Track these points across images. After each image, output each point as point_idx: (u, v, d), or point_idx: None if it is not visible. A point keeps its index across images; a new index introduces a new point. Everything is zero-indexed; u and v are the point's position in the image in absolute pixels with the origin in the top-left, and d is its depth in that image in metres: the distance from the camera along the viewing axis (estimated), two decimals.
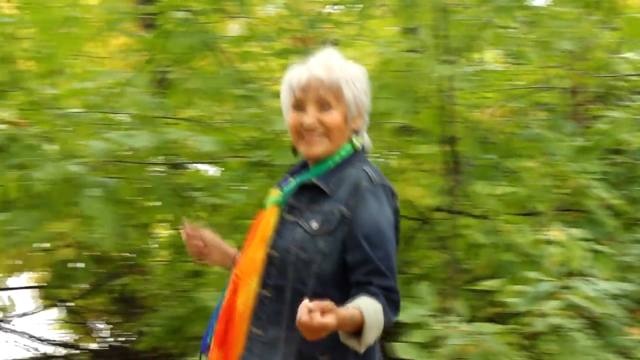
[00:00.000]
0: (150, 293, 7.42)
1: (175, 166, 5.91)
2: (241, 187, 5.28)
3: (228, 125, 5.56)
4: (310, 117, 2.68)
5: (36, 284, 8.10)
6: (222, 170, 5.84)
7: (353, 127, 2.74)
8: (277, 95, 5.72)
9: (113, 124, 5.34)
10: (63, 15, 6.03)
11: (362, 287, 2.55)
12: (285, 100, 2.77)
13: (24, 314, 8.06)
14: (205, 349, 2.77)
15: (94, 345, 8.30)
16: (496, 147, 5.58)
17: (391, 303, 2.55)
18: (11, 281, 7.89)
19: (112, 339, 8.23)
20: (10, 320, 7.88)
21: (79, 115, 5.36)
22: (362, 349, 2.48)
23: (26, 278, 8.11)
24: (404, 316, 4.17)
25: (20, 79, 5.79)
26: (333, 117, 2.69)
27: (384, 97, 4.98)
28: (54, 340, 8.29)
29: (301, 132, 2.71)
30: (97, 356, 8.15)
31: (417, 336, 4.33)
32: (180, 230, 2.89)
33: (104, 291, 7.97)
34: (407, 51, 5.43)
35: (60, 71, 6.25)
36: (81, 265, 7.38)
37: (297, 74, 2.72)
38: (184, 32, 5.47)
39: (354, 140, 2.75)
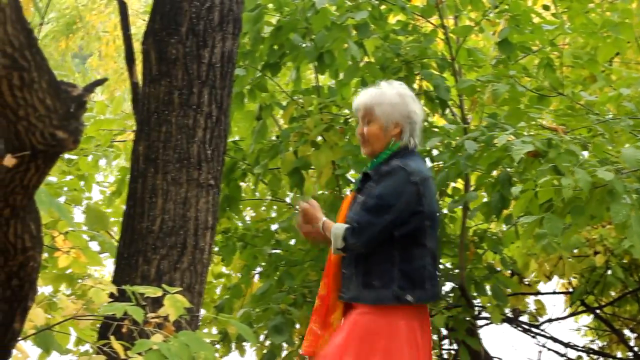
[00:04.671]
0: None
1: None
2: None
3: None
4: (360, 130, 4.17)
5: (565, 290, 8.10)
6: None
7: (392, 134, 4.10)
8: None
9: None
10: (603, 20, 5.94)
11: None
12: None
13: (554, 319, 8.09)
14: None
15: (620, 354, 8.13)
16: None
17: (353, 229, 3.98)
18: (542, 286, 7.96)
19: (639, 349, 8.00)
20: (540, 325, 7.94)
21: (614, 121, 5.25)
22: (333, 250, 4.07)
23: (556, 283, 8.13)
24: None
25: (559, 84, 5.80)
26: (371, 129, 4.12)
27: None
28: (581, 347, 8.23)
29: (360, 139, 4.18)
30: None
31: None
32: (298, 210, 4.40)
33: (633, 299, 7.77)
34: None
35: (596, 77, 6.18)
36: (611, 272, 7.25)
37: (354, 102, 4.23)
38: None
39: (391, 143, 4.08)
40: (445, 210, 6.49)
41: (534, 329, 7.94)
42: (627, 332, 8.23)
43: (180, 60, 4.42)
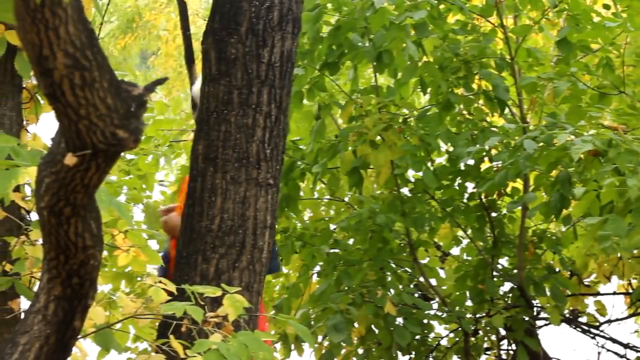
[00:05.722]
0: None
1: None
2: None
3: None
4: None
5: (624, 291, 8.01)
6: None
7: None
8: None
9: None
10: None
11: None
12: None
13: (613, 320, 8.01)
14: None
15: None
16: None
17: None
18: (601, 287, 7.88)
19: None
20: (599, 326, 7.86)
21: None
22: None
23: (617, 284, 8.05)
24: None
25: (621, 83, 5.74)
26: None
27: None
28: None
29: None
30: None
31: None
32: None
33: None
34: None
35: None
36: None
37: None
38: None
39: None
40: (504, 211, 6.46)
41: (593, 330, 7.86)
42: None
43: (239, 59, 4.44)
